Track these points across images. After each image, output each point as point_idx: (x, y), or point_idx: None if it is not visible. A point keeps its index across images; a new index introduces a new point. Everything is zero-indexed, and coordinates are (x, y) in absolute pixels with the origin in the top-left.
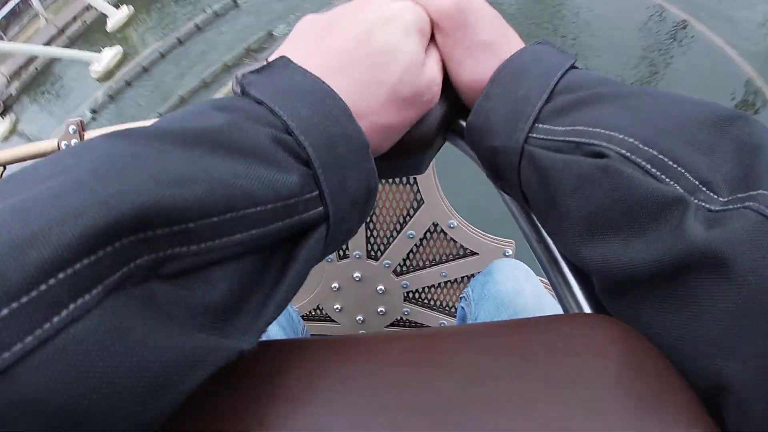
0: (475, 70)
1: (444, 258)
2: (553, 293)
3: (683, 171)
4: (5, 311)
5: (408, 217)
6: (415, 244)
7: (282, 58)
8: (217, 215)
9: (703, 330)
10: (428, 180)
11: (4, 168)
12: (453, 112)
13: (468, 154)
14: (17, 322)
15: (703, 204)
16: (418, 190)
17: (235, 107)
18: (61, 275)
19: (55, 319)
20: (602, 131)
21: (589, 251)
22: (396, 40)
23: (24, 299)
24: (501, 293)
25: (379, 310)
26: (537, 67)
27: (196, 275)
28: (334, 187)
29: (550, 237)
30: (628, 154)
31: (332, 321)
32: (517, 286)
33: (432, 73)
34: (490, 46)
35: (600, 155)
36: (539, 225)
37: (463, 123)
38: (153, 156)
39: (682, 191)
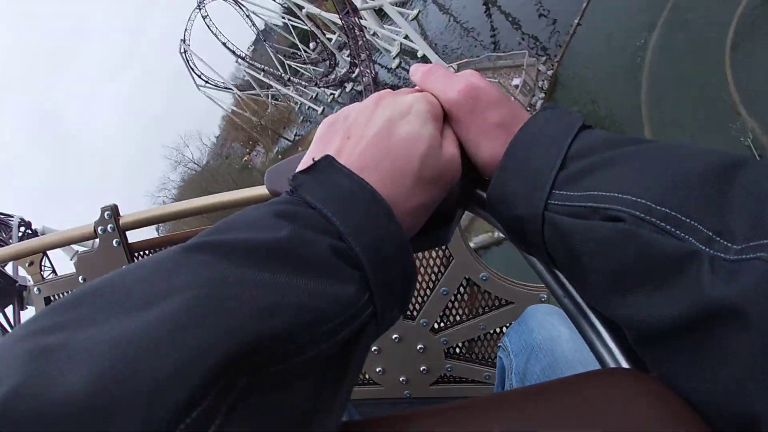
0: (491, 150)
1: (480, 310)
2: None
3: (696, 224)
4: None
5: (440, 275)
6: (450, 300)
7: (327, 157)
8: (300, 338)
9: (730, 375)
10: (455, 237)
11: (44, 254)
12: (471, 184)
13: (488, 220)
14: None
15: (718, 254)
16: (446, 248)
17: (294, 215)
18: (194, 413)
19: None
20: (617, 195)
21: (615, 305)
22: (414, 129)
23: None
24: (538, 341)
25: (421, 369)
26: (547, 134)
27: (280, 386)
28: (382, 287)
29: (577, 291)
30: (643, 215)
31: (376, 384)
32: (554, 332)
33: (450, 152)
34: (501, 125)
35: (617, 219)
36: (565, 281)
37: (482, 193)
38: (241, 282)
39: (697, 244)
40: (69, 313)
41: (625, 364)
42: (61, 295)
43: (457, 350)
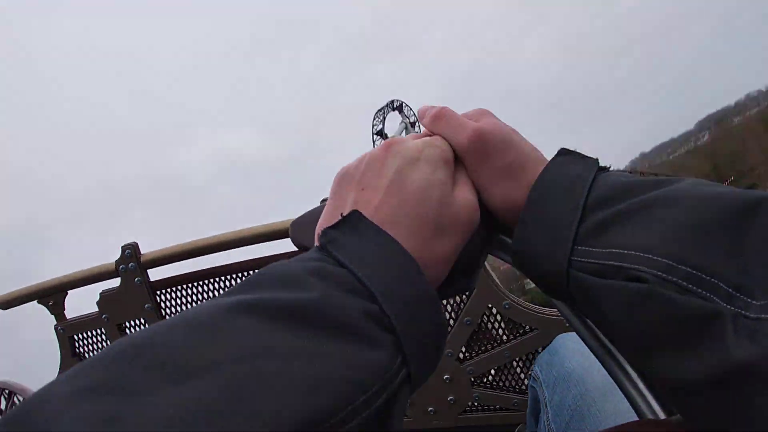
0: (505, 193)
1: (505, 338)
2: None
3: (717, 282)
4: None
5: (462, 304)
6: (474, 330)
7: (355, 212)
8: (341, 412)
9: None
10: None
11: (66, 292)
12: (490, 229)
13: (512, 264)
14: None
15: (740, 311)
16: None
17: (325, 273)
18: None
19: None
20: (638, 254)
21: (644, 362)
22: (425, 177)
23: None
24: (569, 371)
25: (449, 399)
26: (563, 184)
27: None
28: (415, 349)
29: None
30: (664, 275)
31: (404, 416)
32: (584, 361)
33: (464, 197)
34: (513, 167)
35: (640, 279)
36: (592, 325)
37: (504, 238)
38: (283, 354)
39: (719, 302)
40: (111, 372)
41: (656, 407)
42: (85, 334)
43: (484, 379)
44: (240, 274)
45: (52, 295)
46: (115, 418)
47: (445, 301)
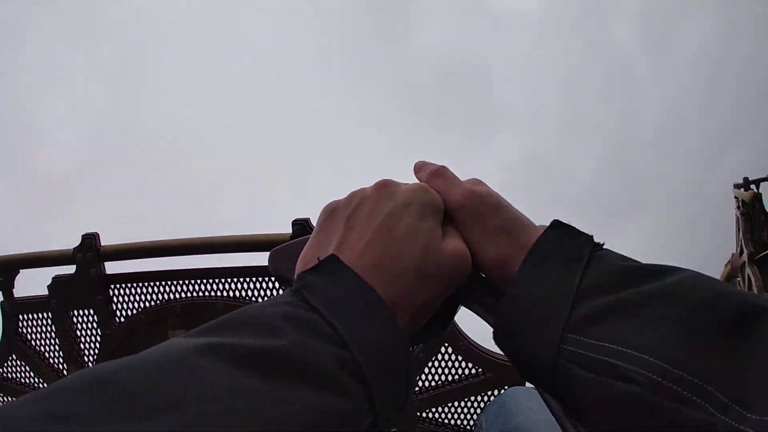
0: (497, 251)
1: (457, 378)
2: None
3: (713, 390)
4: None
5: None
6: (427, 366)
7: (332, 257)
8: None
9: None
10: None
11: (18, 271)
12: (475, 283)
13: (488, 322)
14: None
15: (735, 425)
16: None
17: (298, 319)
18: None
19: None
20: (632, 352)
21: None
22: (414, 223)
23: None
24: (515, 424)
25: (393, 431)
26: (556, 263)
27: None
28: (384, 397)
29: None
30: (658, 379)
31: None
32: (533, 417)
33: (455, 245)
34: (507, 227)
35: (631, 380)
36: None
37: (486, 298)
38: (247, 398)
39: (713, 412)
40: (71, 402)
41: None
42: (31, 316)
43: (431, 415)
44: (199, 281)
45: (1, 272)
46: None
47: None
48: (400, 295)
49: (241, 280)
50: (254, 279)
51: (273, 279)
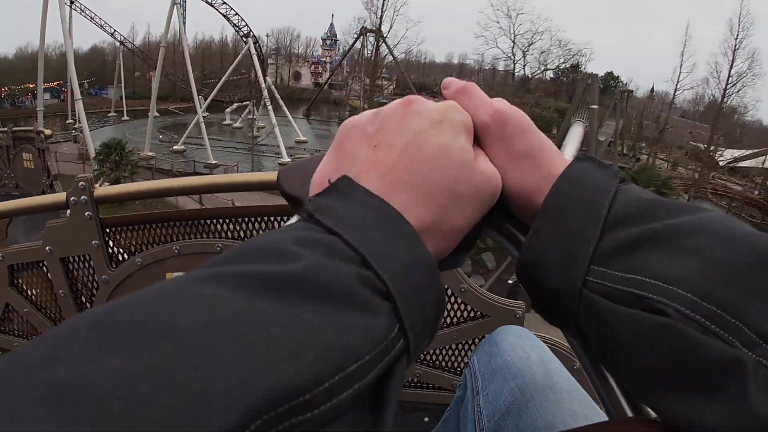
0: (522, 178)
1: (455, 321)
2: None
3: (742, 326)
4: None
5: None
6: None
7: (345, 178)
8: (329, 380)
9: None
10: None
11: (10, 219)
12: (498, 211)
13: (509, 252)
14: None
15: (762, 361)
16: None
17: (314, 242)
18: None
19: None
20: (661, 284)
21: (652, 399)
22: (448, 141)
23: None
24: (508, 363)
25: None
26: (583, 193)
27: None
28: (414, 318)
29: (612, 376)
30: (688, 311)
31: None
32: (524, 354)
33: (486, 168)
34: (532, 153)
35: (660, 312)
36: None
37: (512, 228)
38: (256, 320)
39: (741, 348)
40: (66, 343)
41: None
42: (25, 264)
43: (428, 357)
44: (198, 222)
45: None
46: (55, 387)
47: None
48: (433, 216)
49: (239, 220)
50: (253, 219)
51: (274, 218)
